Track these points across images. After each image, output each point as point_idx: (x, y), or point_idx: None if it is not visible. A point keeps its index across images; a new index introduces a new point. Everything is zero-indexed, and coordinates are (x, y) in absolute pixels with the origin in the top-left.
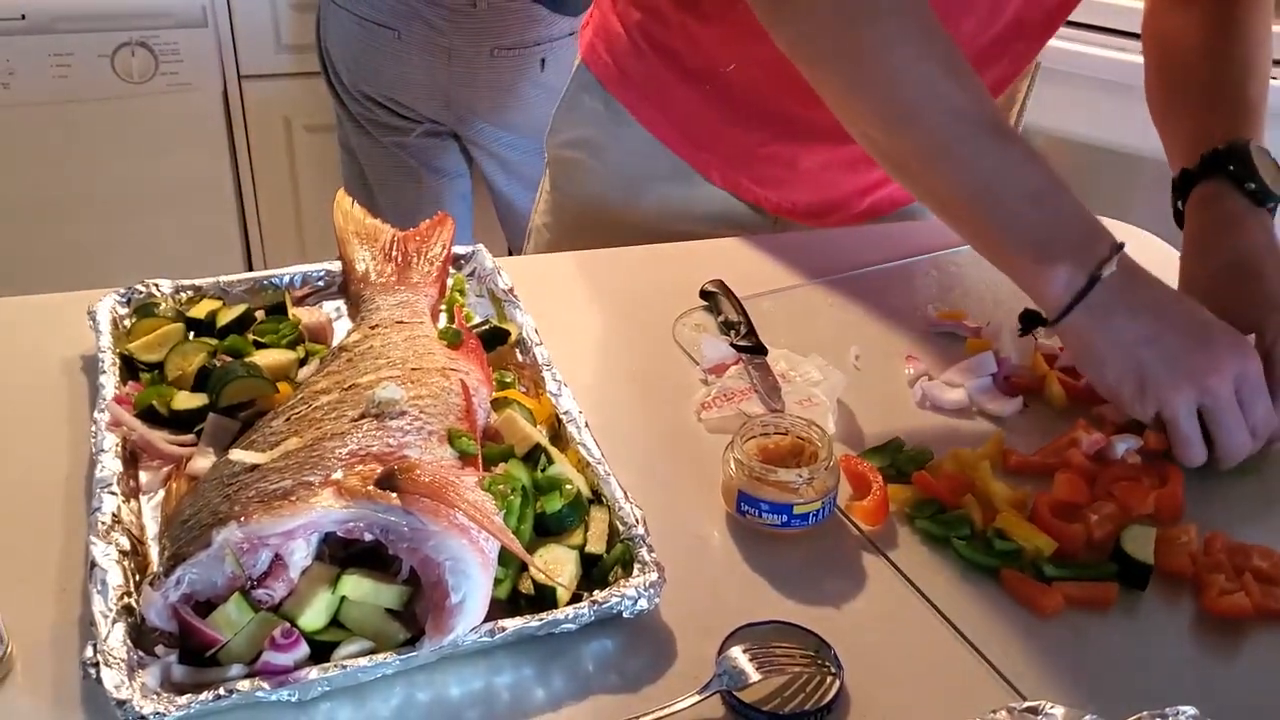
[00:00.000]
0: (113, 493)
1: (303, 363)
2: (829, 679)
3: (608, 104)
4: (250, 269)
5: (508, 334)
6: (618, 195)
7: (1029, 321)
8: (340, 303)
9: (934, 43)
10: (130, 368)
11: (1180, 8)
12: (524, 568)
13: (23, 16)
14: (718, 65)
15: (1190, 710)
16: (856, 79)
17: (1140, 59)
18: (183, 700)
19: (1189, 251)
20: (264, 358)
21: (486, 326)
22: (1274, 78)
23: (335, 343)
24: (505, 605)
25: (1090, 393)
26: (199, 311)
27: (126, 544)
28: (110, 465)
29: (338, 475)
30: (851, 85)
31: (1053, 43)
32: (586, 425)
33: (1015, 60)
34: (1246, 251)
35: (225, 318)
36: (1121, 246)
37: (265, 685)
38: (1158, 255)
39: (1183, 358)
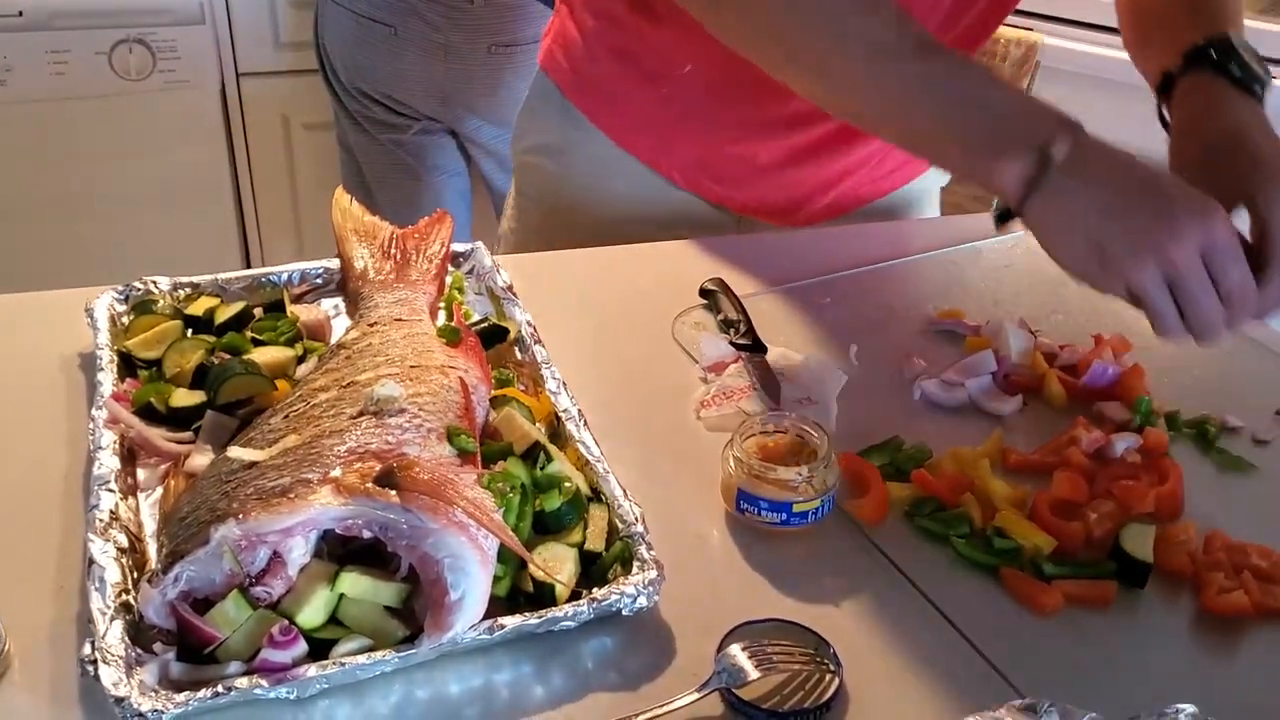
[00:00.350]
0: (111, 490)
1: (301, 360)
2: (828, 677)
3: (566, 110)
4: (248, 266)
5: (507, 332)
6: (581, 199)
7: (1002, 217)
8: (339, 300)
9: None
10: (128, 365)
11: None
12: (523, 565)
13: (20, 13)
14: (674, 67)
15: (1190, 708)
16: (780, 45)
17: None
18: (181, 697)
19: (1176, 138)
20: (262, 355)
21: (485, 324)
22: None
23: (334, 340)
24: (504, 603)
25: (1090, 391)
26: (197, 309)
27: (124, 541)
28: (108, 462)
29: (336, 473)
30: (782, 54)
31: (1052, 41)
32: (585, 423)
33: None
34: (1235, 127)
35: (223, 315)
36: (1074, 124)
37: (263, 683)
38: None
39: (1142, 229)
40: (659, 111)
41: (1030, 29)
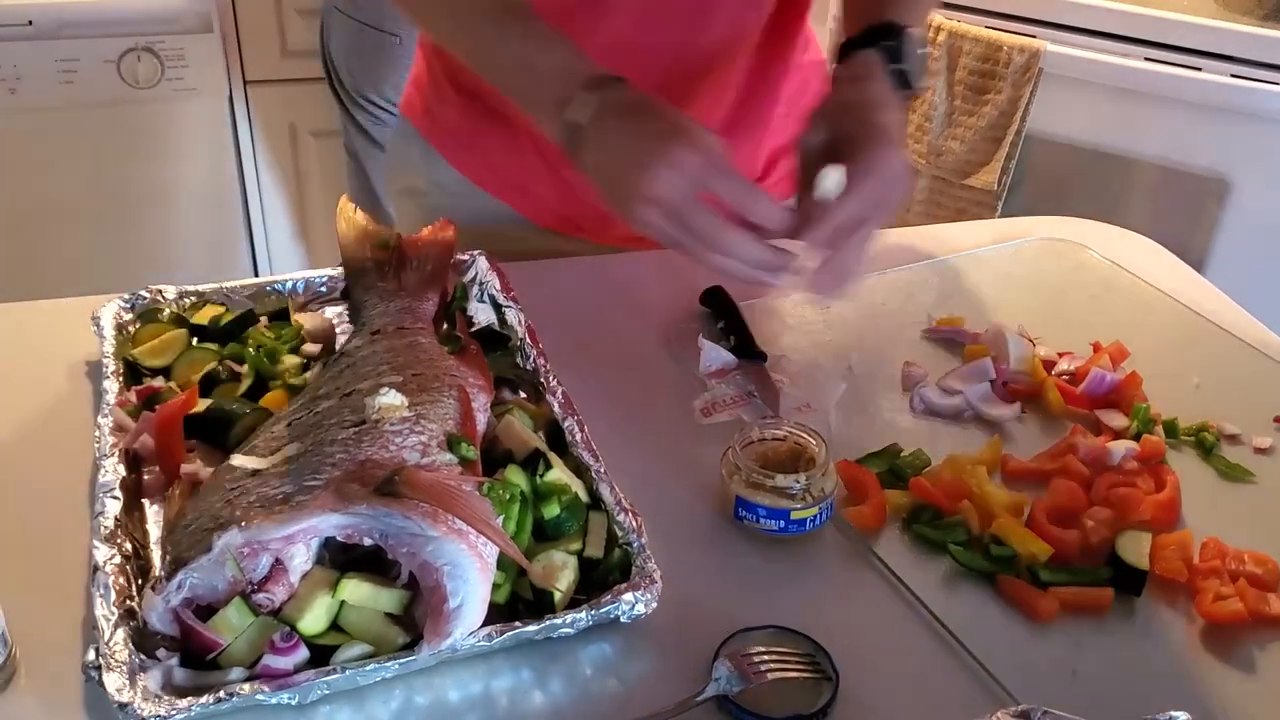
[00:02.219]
0: (115, 497)
1: (305, 368)
2: (825, 683)
3: (425, 151)
4: (255, 274)
5: (507, 339)
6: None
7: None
8: (343, 308)
9: None
10: (134, 373)
11: None
12: (522, 572)
13: (30, 22)
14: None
15: (1184, 715)
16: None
17: (1139, 64)
18: (184, 703)
19: (829, 95)
20: (269, 400)
21: (486, 332)
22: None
23: (337, 348)
24: (504, 610)
25: (1088, 399)
26: (202, 317)
27: (129, 548)
28: (113, 470)
29: (338, 480)
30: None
31: (1054, 48)
32: (585, 431)
33: None
34: (872, 95)
35: (226, 320)
36: (601, 81)
37: (265, 688)
38: (1152, 257)
39: (627, 171)
40: (512, 157)
41: (1033, 36)
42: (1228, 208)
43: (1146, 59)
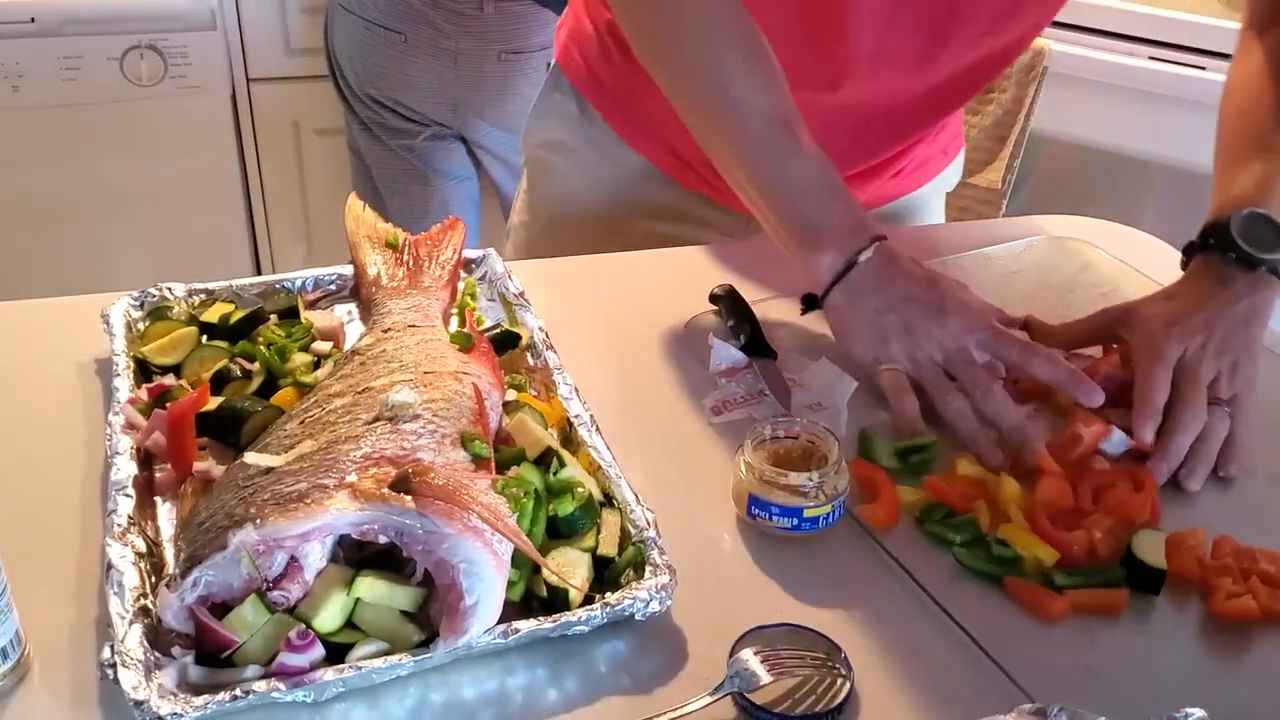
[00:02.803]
0: (128, 495)
1: (316, 365)
2: (839, 681)
3: (581, 106)
4: (258, 272)
5: (519, 337)
6: (590, 197)
7: (808, 303)
8: (352, 306)
9: (736, 34)
10: (144, 371)
11: (1250, 54)
12: (537, 570)
13: (32, 20)
14: None
15: (1199, 713)
16: (667, 74)
17: (1144, 64)
18: (199, 701)
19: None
20: (280, 398)
21: (498, 330)
22: None
23: (347, 346)
24: (518, 607)
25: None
26: (211, 315)
27: (142, 546)
28: (125, 468)
29: (352, 478)
30: (667, 80)
31: (1059, 47)
32: (597, 429)
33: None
34: (1193, 292)
35: (236, 318)
36: (882, 238)
37: (281, 686)
38: (1160, 257)
39: (913, 324)
40: (670, 113)
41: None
42: None
43: (1151, 58)
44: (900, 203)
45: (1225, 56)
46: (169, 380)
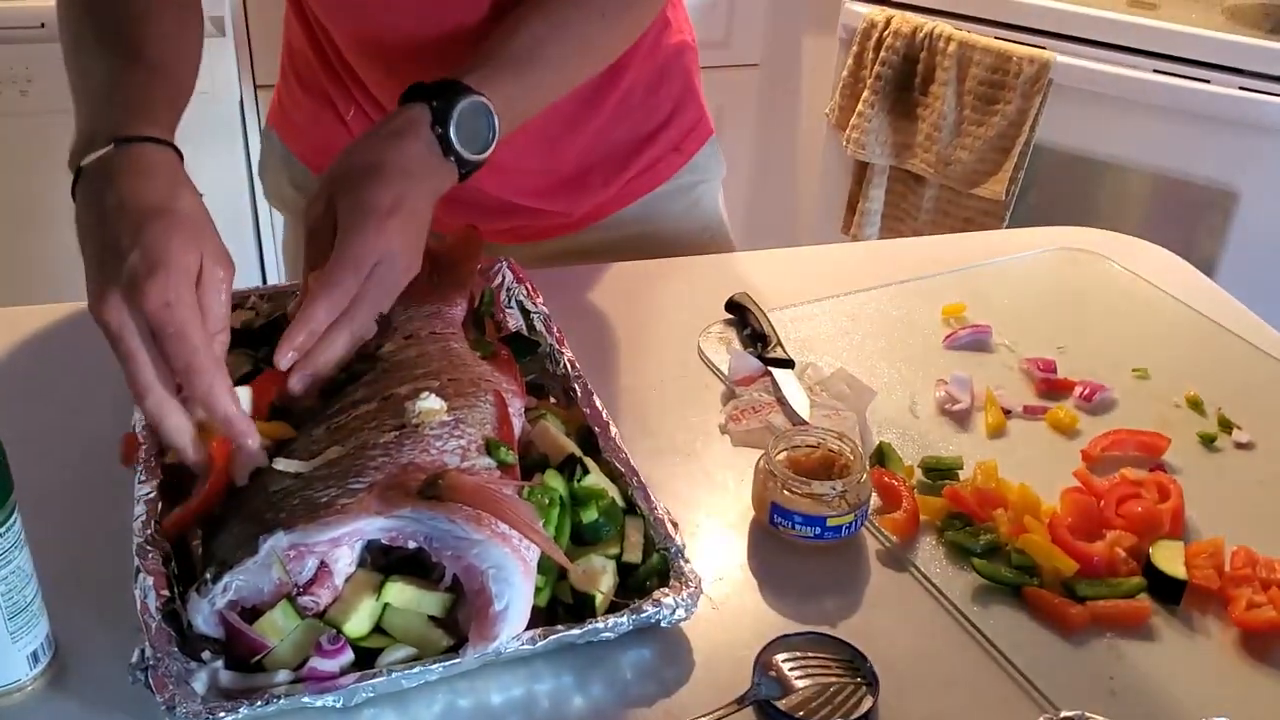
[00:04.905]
0: (156, 501)
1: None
2: (864, 690)
3: (286, 157)
4: (263, 278)
5: (537, 345)
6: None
7: None
8: None
9: None
10: None
11: None
12: (562, 576)
13: (41, 25)
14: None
15: None
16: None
17: (1148, 76)
18: (230, 705)
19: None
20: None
21: (515, 337)
22: None
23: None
24: (544, 614)
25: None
26: (233, 322)
27: (172, 551)
28: (152, 473)
29: (381, 484)
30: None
31: (1064, 59)
32: (617, 435)
33: None
34: (381, 159)
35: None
36: (117, 142)
37: (310, 691)
38: (1168, 269)
39: (105, 256)
40: (346, 135)
41: (1043, 48)
42: (1235, 219)
43: (1155, 71)
44: (645, 200)
45: (1229, 70)
46: None
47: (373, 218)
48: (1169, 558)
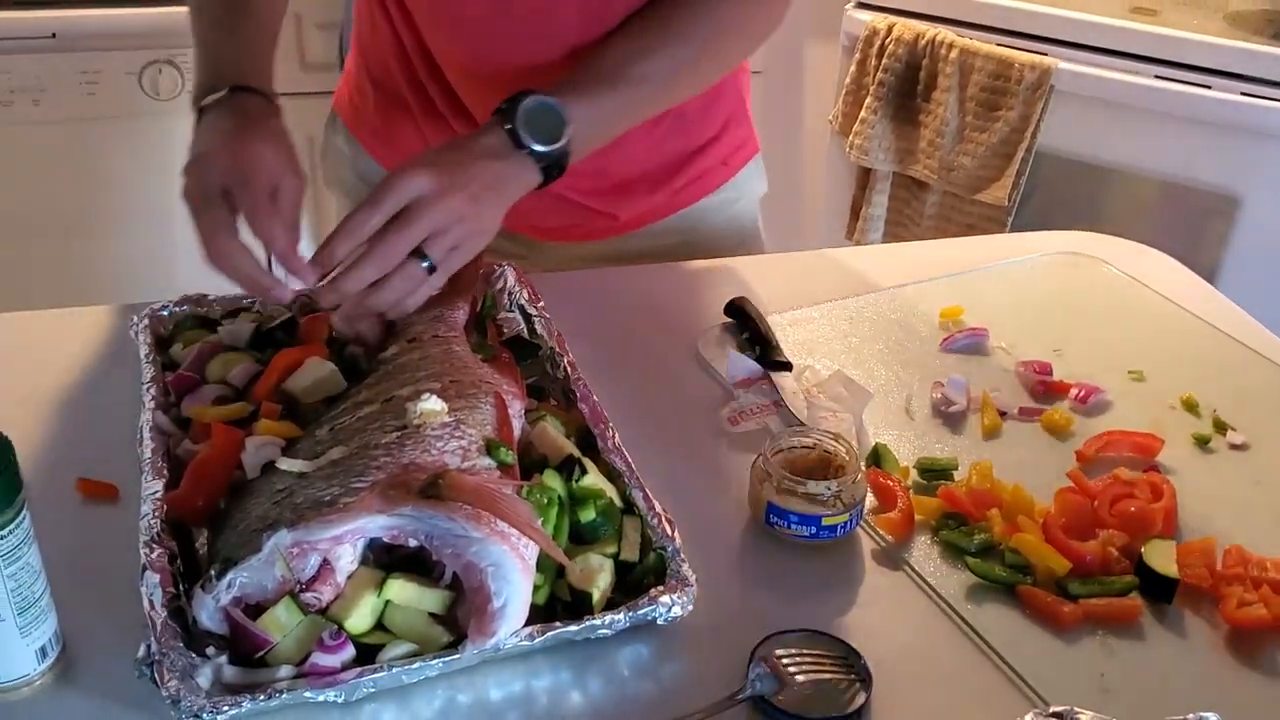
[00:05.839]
0: (160, 499)
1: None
2: (858, 686)
3: (350, 144)
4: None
5: (538, 347)
6: None
7: None
8: None
9: None
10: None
11: None
12: (561, 574)
13: (53, 35)
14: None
15: (1212, 716)
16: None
17: (1150, 82)
18: (233, 700)
19: None
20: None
21: (517, 340)
22: None
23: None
24: (542, 611)
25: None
26: (242, 324)
27: (177, 549)
28: (157, 472)
29: (383, 483)
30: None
31: (1066, 65)
32: (616, 437)
33: None
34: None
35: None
36: (232, 90)
37: (313, 686)
38: (1168, 273)
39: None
40: (421, 137)
41: (1045, 54)
42: (1237, 224)
43: (1157, 77)
44: (688, 211)
45: (1230, 75)
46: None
47: (411, 163)
48: (1161, 556)
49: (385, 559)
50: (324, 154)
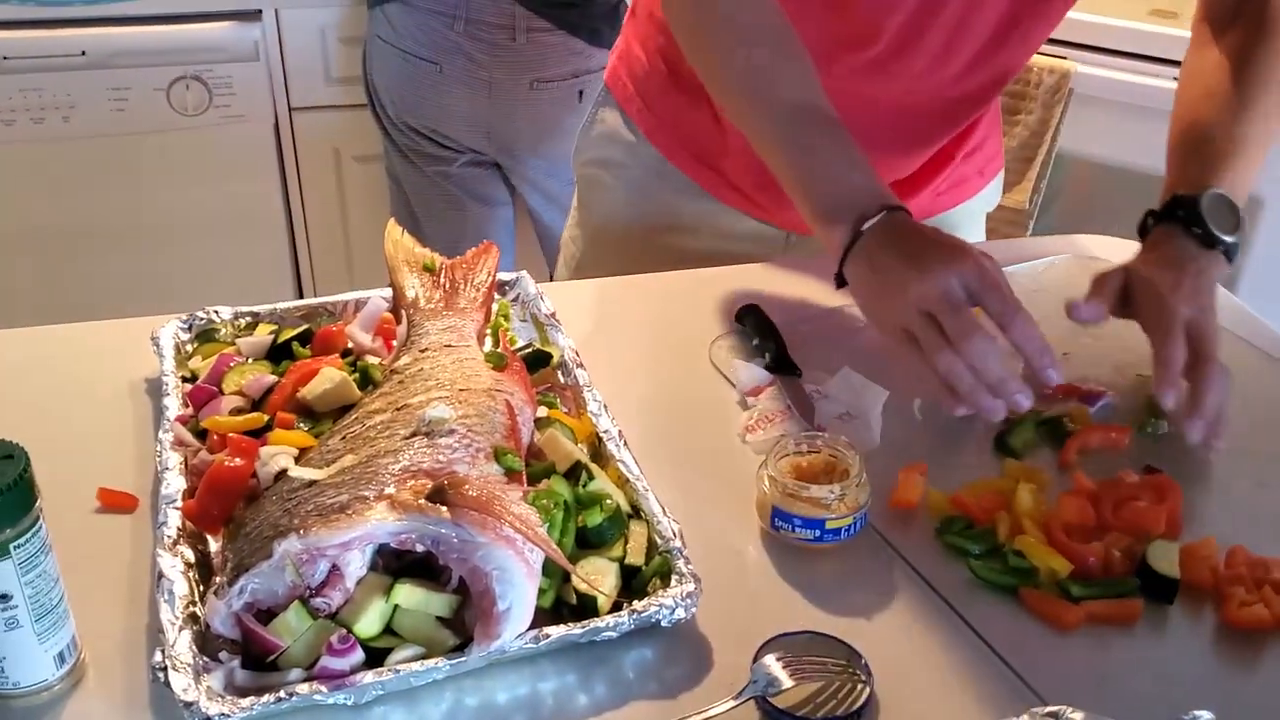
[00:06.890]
0: (178, 508)
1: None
2: (859, 686)
3: (626, 124)
4: (300, 293)
5: (550, 356)
6: (635, 212)
7: (839, 280)
8: None
9: (766, 30)
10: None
11: (1206, 48)
12: (567, 578)
13: (83, 53)
14: None
15: (1207, 715)
16: (705, 69)
17: (1170, 85)
18: (245, 703)
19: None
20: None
21: (530, 349)
22: None
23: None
24: (549, 614)
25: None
26: (258, 336)
27: (192, 556)
28: (174, 482)
29: (391, 490)
30: (706, 75)
31: (1084, 69)
32: (625, 444)
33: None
34: (1174, 261)
35: (285, 336)
36: (899, 209)
37: (323, 689)
38: None
39: (899, 280)
40: (711, 129)
41: (1064, 57)
42: (1259, 226)
43: (1175, 79)
44: (942, 218)
45: None
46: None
47: (1170, 295)
48: (1164, 558)
49: (394, 564)
50: (588, 132)
